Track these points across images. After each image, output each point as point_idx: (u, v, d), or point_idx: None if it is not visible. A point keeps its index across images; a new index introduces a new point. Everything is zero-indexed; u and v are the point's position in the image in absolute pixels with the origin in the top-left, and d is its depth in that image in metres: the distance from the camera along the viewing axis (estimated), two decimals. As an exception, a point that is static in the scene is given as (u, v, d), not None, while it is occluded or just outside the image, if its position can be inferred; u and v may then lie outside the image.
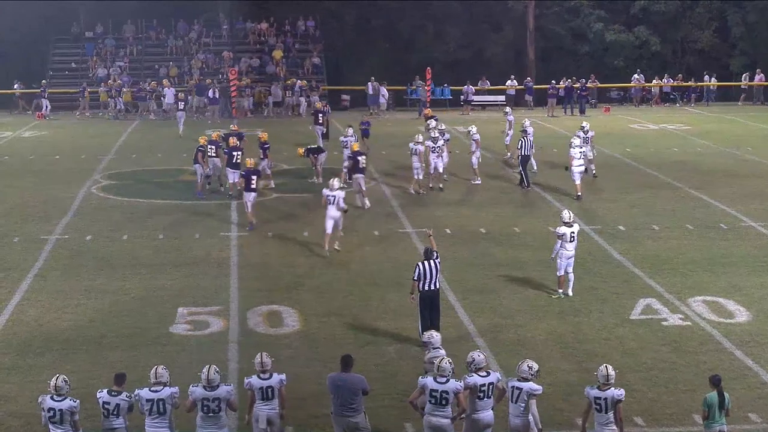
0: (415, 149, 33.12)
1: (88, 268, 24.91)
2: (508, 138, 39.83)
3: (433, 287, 19.51)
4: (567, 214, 22.54)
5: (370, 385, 15.06)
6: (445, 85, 58.87)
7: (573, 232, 22.31)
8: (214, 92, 53.31)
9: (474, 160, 35.01)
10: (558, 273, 22.46)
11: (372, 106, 56.35)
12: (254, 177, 28.65)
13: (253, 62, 60.57)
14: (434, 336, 16.23)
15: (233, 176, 31.73)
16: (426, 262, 19.50)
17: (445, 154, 33.89)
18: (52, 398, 13.90)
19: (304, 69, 59.45)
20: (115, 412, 14.06)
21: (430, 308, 19.58)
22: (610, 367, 14.43)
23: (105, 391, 14.25)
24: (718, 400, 14.33)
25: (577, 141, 32.98)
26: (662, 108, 59.24)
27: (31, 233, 28.19)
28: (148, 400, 14.10)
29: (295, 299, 22.40)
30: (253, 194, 28.46)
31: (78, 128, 50.52)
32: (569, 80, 56.55)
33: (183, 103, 49.22)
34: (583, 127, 35.68)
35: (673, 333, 20.31)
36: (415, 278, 19.46)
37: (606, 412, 14.18)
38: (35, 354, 19.24)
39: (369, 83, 56.54)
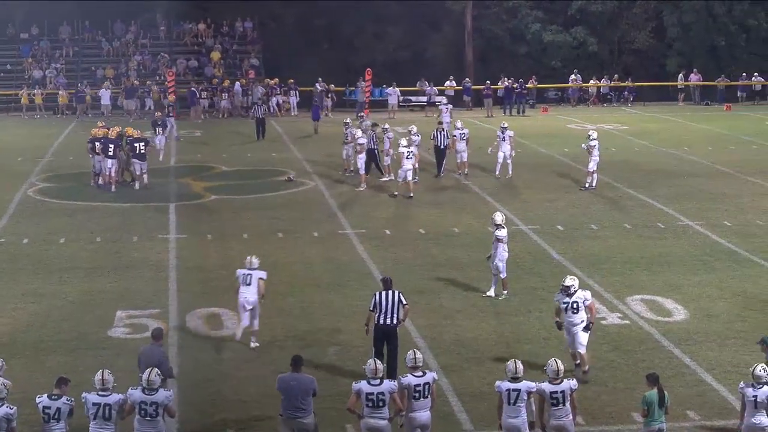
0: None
1: (25, 272, 24.60)
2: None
3: (389, 322, 17.60)
4: (499, 216, 22.61)
5: (313, 387, 14.96)
6: (384, 86, 58.83)
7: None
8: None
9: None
10: (502, 275, 22.47)
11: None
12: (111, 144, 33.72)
13: (191, 63, 60.16)
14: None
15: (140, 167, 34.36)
16: (384, 293, 17.76)
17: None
18: (-13, 405, 13.66)
19: (242, 70, 59.13)
20: (55, 417, 13.84)
21: (385, 345, 17.74)
22: (559, 361, 14.61)
23: (45, 395, 14.04)
24: (658, 397, 14.45)
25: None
26: (599, 108, 59.74)
27: (-34, 237, 27.83)
28: (94, 404, 13.93)
29: (235, 301, 22.23)
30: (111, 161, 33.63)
31: (15, 130, 49.83)
32: (508, 81, 56.82)
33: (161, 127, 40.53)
34: (590, 135, 34.10)
35: (612, 332, 20.44)
36: (371, 308, 17.81)
37: (564, 405, 14.37)
38: (-29, 360, 18.96)
39: (317, 83, 56.06)
